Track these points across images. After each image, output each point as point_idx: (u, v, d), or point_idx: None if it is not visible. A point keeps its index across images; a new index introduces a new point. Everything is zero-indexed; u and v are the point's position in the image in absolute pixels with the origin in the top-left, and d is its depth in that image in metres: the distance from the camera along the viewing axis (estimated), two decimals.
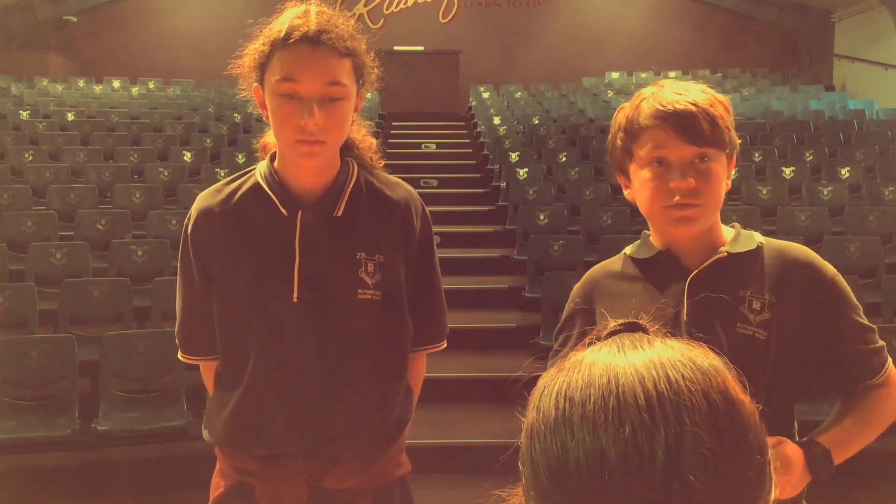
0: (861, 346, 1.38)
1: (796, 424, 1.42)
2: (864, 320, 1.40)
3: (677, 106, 1.32)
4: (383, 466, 1.63)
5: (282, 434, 1.55)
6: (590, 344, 0.67)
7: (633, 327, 0.67)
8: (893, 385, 1.41)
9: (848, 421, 1.38)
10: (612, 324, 0.68)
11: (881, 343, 1.40)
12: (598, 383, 0.58)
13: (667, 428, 0.54)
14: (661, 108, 1.33)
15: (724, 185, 1.37)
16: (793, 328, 1.35)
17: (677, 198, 1.32)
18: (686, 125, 1.31)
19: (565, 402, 0.58)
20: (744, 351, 1.32)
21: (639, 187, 1.38)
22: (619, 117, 1.41)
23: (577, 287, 1.52)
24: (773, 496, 0.58)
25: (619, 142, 1.41)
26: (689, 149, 1.32)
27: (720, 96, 1.37)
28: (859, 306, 1.39)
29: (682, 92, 1.35)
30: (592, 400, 0.57)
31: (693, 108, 1.31)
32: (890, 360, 1.41)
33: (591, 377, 0.59)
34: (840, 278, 1.39)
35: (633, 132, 1.37)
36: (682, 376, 0.57)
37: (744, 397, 0.58)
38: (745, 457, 0.56)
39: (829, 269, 1.39)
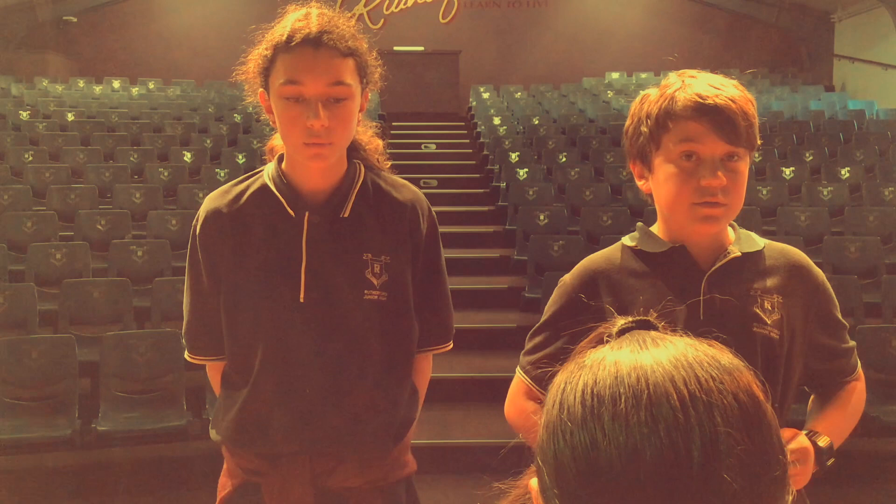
0: (842, 345, 1.45)
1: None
2: (843, 319, 1.46)
3: (717, 101, 1.29)
4: (389, 466, 1.63)
5: (288, 433, 1.55)
6: (599, 341, 0.66)
7: (644, 325, 0.66)
8: (863, 380, 1.49)
9: (836, 413, 1.43)
10: (622, 321, 0.67)
11: (853, 343, 1.48)
12: (628, 382, 0.57)
13: (701, 428, 0.54)
14: (700, 100, 1.29)
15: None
16: (797, 328, 1.38)
17: (707, 196, 1.30)
18: (724, 122, 1.28)
19: (593, 399, 0.58)
20: (762, 351, 1.33)
21: (663, 180, 1.34)
22: (647, 105, 1.36)
23: (571, 279, 1.45)
24: (790, 497, 0.58)
25: (644, 129, 1.35)
26: (724, 146, 1.29)
27: (748, 93, 1.36)
28: (838, 305, 1.46)
29: (718, 86, 1.31)
30: (624, 399, 0.56)
31: (732, 105, 1.29)
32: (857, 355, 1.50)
33: (618, 375, 0.58)
34: (826, 280, 1.44)
35: (664, 122, 1.32)
36: (711, 377, 0.57)
37: (764, 398, 0.59)
38: (772, 457, 0.56)
39: (820, 270, 1.44)
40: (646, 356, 0.59)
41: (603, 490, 0.54)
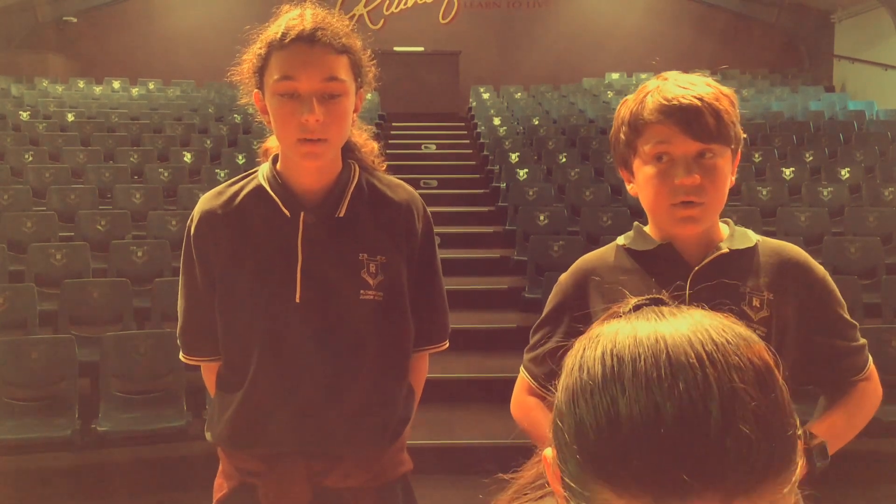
0: (848, 344, 1.42)
1: None
2: (850, 318, 1.43)
3: (682, 101, 1.29)
4: (385, 465, 1.64)
5: (284, 433, 1.55)
6: (614, 317, 0.68)
7: (657, 302, 0.68)
8: (874, 380, 1.45)
9: (837, 414, 1.41)
10: (635, 300, 0.69)
11: (864, 340, 1.45)
12: (647, 343, 0.59)
13: (719, 385, 0.56)
14: (664, 102, 1.30)
15: (729, 181, 1.36)
16: (788, 326, 1.37)
17: (682, 195, 1.30)
18: (690, 120, 1.29)
19: (613, 359, 0.60)
20: None
21: (642, 183, 1.36)
22: (623, 111, 1.39)
23: (567, 277, 1.49)
24: (801, 460, 0.59)
25: (622, 136, 1.38)
26: (694, 144, 1.30)
27: (725, 89, 1.35)
28: (845, 304, 1.43)
29: (686, 85, 1.32)
30: (643, 358, 0.58)
31: (698, 103, 1.29)
32: (870, 356, 1.45)
33: (637, 338, 0.60)
34: (829, 277, 1.42)
35: (636, 127, 1.34)
36: (727, 340, 0.59)
37: (775, 367, 0.61)
38: (785, 416, 0.58)
39: (820, 268, 1.42)
40: (664, 324, 0.62)
41: (623, 445, 0.56)
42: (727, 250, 1.38)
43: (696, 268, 1.37)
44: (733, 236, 1.41)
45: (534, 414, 1.46)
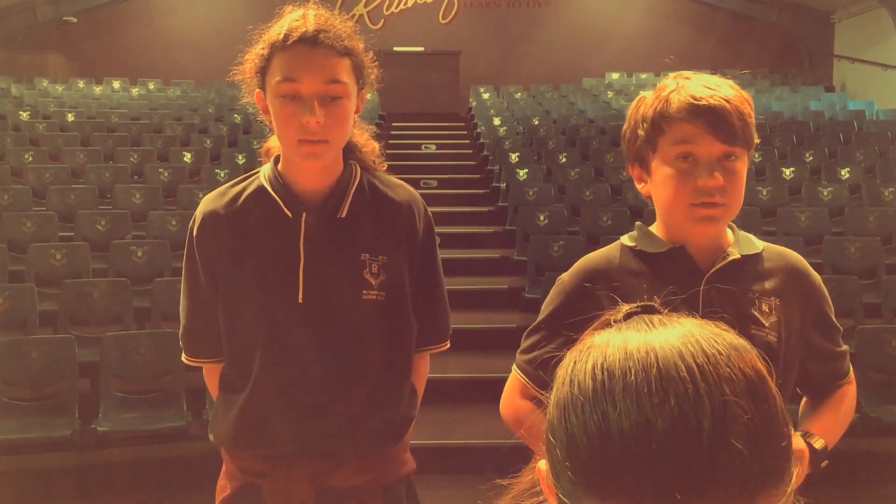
0: (837, 349, 1.45)
1: None
2: (838, 324, 1.47)
3: (711, 101, 1.28)
4: (389, 464, 1.64)
5: (287, 434, 1.56)
6: (605, 326, 0.67)
7: (649, 310, 0.67)
8: (854, 384, 1.49)
9: (828, 416, 1.43)
10: (627, 307, 0.68)
11: (846, 346, 1.49)
12: (637, 356, 0.58)
13: (710, 398, 0.55)
14: (693, 101, 1.28)
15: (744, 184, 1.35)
16: (793, 330, 1.37)
17: (704, 196, 1.29)
18: (718, 122, 1.27)
19: (603, 373, 0.59)
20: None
21: (661, 182, 1.33)
22: (643, 108, 1.36)
23: (570, 278, 1.44)
24: (795, 471, 0.59)
25: (641, 132, 1.35)
26: (719, 146, 1.28)
27: (745, 92, 1.34)
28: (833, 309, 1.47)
29: (713, 86, 1.30)
30: (633, 372, 0.57)
31: (726, 105, 1.28)
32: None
33: (627, 351, 0.59)
34: (822, 283, 1.45)
35: (660, 125, 1.32)
36: (718, 351, 0.58)
37: (768, 375, 0.60)
38: (778, 427, 0.58)
39: (817, 274, 1.44)
40: (654, 335, 0.61)
41: (615, 461, 0.56)
42: (739, 256, 1.37)
43: (709, 273, 1.36)
44: (739, 242, 1.41)
45: (530, 417, 1.45)
